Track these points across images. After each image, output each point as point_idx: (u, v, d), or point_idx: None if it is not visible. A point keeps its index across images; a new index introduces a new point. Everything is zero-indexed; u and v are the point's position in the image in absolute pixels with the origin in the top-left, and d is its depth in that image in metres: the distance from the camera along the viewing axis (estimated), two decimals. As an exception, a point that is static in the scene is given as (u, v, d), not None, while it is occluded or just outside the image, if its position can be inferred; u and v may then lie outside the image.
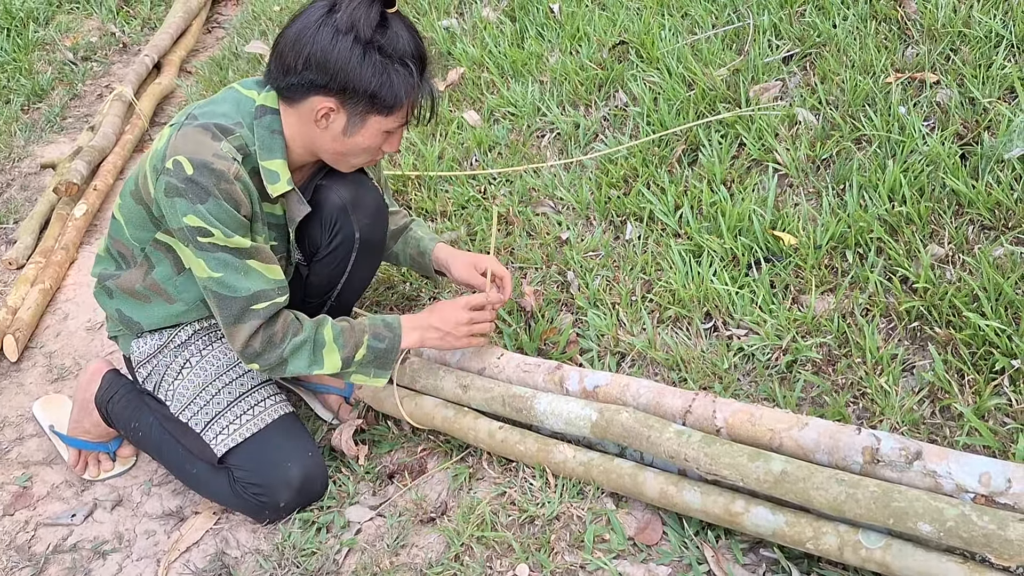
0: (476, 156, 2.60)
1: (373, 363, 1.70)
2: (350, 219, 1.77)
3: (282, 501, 1.73)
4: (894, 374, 1.58)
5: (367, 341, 1.67)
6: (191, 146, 1.51)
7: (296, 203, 1.67)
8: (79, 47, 4.36)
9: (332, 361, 1.65)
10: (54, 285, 2.72)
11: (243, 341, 1.60)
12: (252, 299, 1.58)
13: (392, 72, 1.49)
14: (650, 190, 2.19)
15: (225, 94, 1.63)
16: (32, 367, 2.44)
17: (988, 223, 1.75)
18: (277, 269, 1.63)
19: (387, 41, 1.48)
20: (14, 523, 1.95)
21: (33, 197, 3.28)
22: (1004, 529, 1.16)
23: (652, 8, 2.77)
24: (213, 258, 1.55)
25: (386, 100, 1.51)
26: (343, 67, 1.47)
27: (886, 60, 2.17)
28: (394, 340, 1.70)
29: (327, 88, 1.50)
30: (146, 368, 1.82)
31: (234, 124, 1.56)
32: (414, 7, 3.47)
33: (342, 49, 1.46)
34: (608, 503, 1.60)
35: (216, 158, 1.50)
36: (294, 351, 1.63)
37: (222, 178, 1.50)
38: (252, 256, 1.58)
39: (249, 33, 4.08)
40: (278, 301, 1.61)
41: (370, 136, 1.58)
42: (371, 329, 1.69)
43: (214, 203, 1.50)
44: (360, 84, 1.49)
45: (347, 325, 1.68)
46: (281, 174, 1.60)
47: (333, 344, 1.65)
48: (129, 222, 1.68)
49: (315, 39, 1.47)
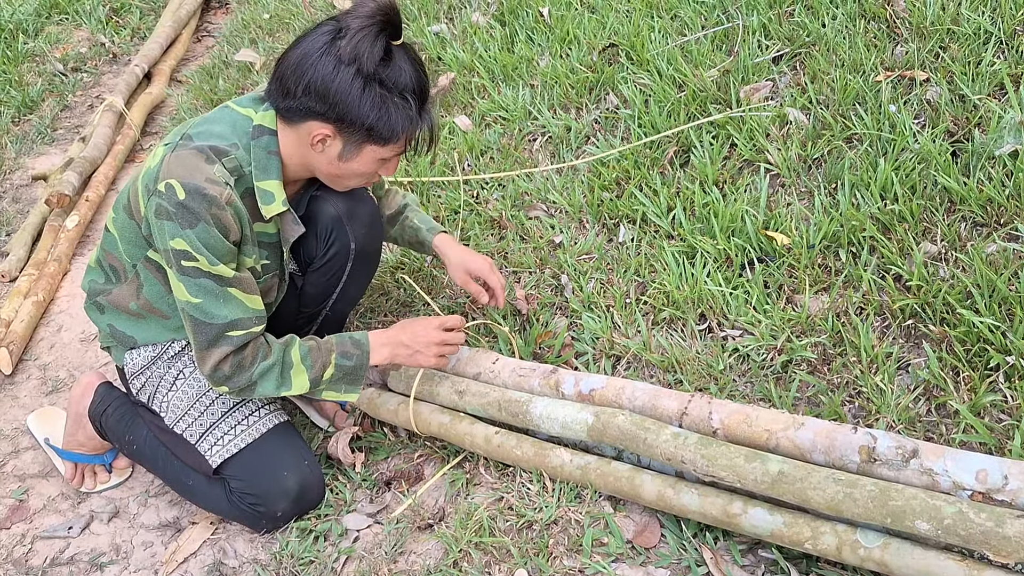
0: (468, 161, 2.60)
1: (342, 380, 1.69)
2: (345, 230, 1.77)
3: (279, 511, 1.72)
4: (889, 372, 1.58)
5: (335, 360, 1.67)
6: (185, 170, 1.50)
7: (291, 223, 1.67)
8: (69, 58, 4.36)
9: (300, 382, 1.65)
10: (47, 297, 2.71)
11: (213, 365, 1.59)
12: (228, 326, 1.57)
13: (391, 105, 1.49)
14: (642, 192, 2.19)
15: (220, 113, 1.62)
16: (26, 380, 2.43)
17: (980, 220, 1.75)
18: (258, 299, 1.62)
19: (389, 74, 1.48)
20: (11, 537, 1.94)
21: (25, 209, 3.27)
22: (1002, 526, 1.16)
23: (641, 10, 2.78)
24: (194, 283, 1.54)
25: (383, 133, 1.51)
26: (343, 98, 1.46)
27: (875, 59, 2.18)
28: (362, 357, 1.69)
29: (325, 116, 1.49)
30: (139, 380, 1.81)
31: (229, 145, 1.56)
32: (404, 13, 3.47)
33: (343, 80, 1.45)
34: (606, 506, 1.60)
35: (209, 183, 1.50)
36: (263, 374, 1.62)
37: (213, 204, 1.50)
38: (234, 285, 1.57)
39: (239, 41, 4.08)
40: (254, 331, 1.60)
41: (365, 163, 1.58)
42: (339, 347, 1.68)
43: (203, 229, 1.50)
44: (358, 116, 1.48)
45: (315, 344, 1.67)
46: (276, 195, 1.60)
47: (301, 365, 1.64)
48: (123, 237, 1.68)
49: (317, 67, 1.46)
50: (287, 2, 4.15)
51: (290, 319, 1.91)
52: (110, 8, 4.84)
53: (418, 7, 3.44)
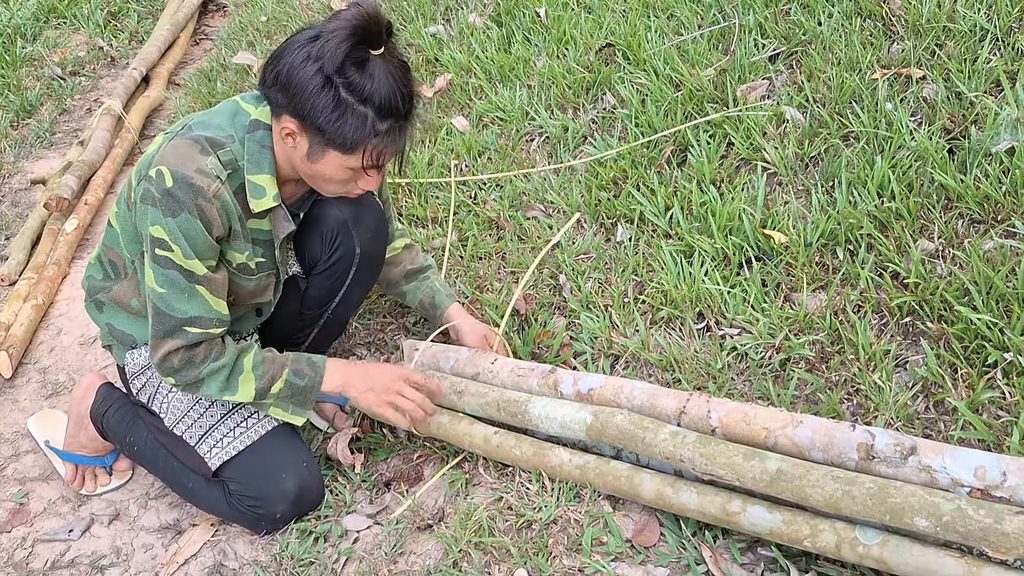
0: (466, 161, 2.60)
1: (291, 399, 1.68)
2: (351, 234, 1.77)
3: (278, 512, 1.72)
4: (887, 370, 1.58)
5: (286, 375, 1.66)
6: (177, 158, 1.50)
7: (282, 219, 1.65)
8: (67, 62, 4.36)
9: (246, 390, 1.64)
10: (47, 300, 2.71)
11: (163, 355, 1.59)
12: (187, 322, 1.57)
13: (349, 112, 1.43)
14: (640, 192, 2.19)
15: (224, 106, 1.62)
16: (26, 383, 2.44)
17: (977, 217, 1.76)
18: (223, 303, 1.61)
19: (356, 80, 1.42)
20: (11, 540, 1.94)
21: (24, 213, 3.28)
22: (1000, 523, 1.16)
23: (638, 10, 2.78)
24: (162, 273, 1.54)
25: (334, 138, 1.46)
26: (299, 92, 1.44)
27: (871, 56, 2.18)
28: (315, 379, 1.68)
29: (288, 109, 1.48)
30: (140, 380, 1.81)
31: (226, 137, 1.55)
32: (400, 14, 3.47)
33: (304, 75, 1.43)
34: (605, 506, 1.60)
35: (198, 174, 1.50)
36: (211, 374, 1.62)
37: (199, 195, 1.49)
38: (202, 283, 1.56)
39: (237, 44, 4.08)
40: (212, 332, 1.60)
41: (332, 168, 1.52)
42: (293, 364, 1.67)
43: (185, 219, 1.50)
44: (311, 114, 1.45)
45: (270, 356, 1.67)
46: (268, 189, 1.59)
47: (251, 373, 1.64)
48: (123, 231, 1.68)
49: (289, 59, 1.45)
50: (284, 4, 4.15)
51: (291, 321, 1.91)
52: (108, 12, 4.84)
53: (415, 8, 3.45)
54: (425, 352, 1.92)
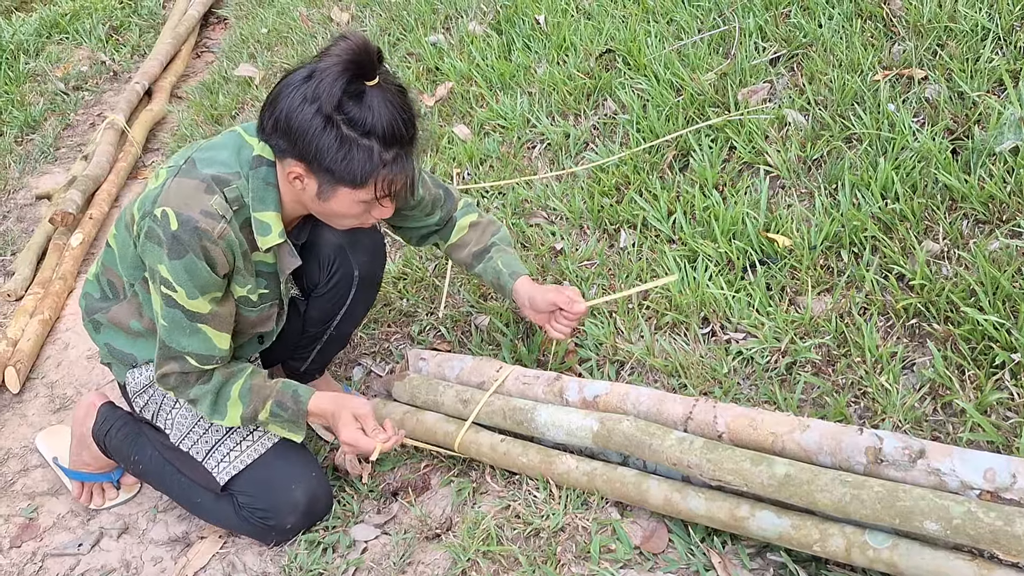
0: (468, 170, 2.60)
1: (279, 423, 1.70)
2: (348, 258, 1.77)
3: (288, 523, 1.73)
4: (894, 372, 1.58)
5: (269, 406, 1.67)
6: (182, 199, 1.50)
7: (287, 255, 1.66)
8: (70, 77, 4.38)
9: (234, 415, 1.67)
10: (53, 315, 2.72)
11: (162, 373, 1.64)
12: (188, 354, 1.60)
13: (354, 148, 1.42)
14: (642, 197, 2.19)
15: (228, 138, 1.60)
16: (34, 398, 2.44)
17: (982, 217, 1.75)
18: (226, 338, 1.63)
19: (355, 114, 1.41)
20: (21, 555, 1.94)
21: (29, 228, 3.29)
22: (1011, 525, 1.15)
23: (637, 16, 2.78)
24: (167, 310, 1.56)
25: (344, 175, 1.45)
26: (302, 136, 1.42)
27: (873, 58, 2.18)
28: (297, 413, 1.68)
29: (293, 154, 1.46)
30: (142, 397, 1.82)
31: (232, 174, 1.54)
32: (401, 24, 3.48)
33: (304, 118, 1.41)
34: (613, 513, 1.59)
35: (203, 216, 1.49)
36: (200, 396, 1.65)
37: (204, 237, 1.49)
38: (206, 321, 1.58)
39: (238, 56, 4.10)
40: (208, 367, 1.63)
41: (344, 205, 1.51)
42: (277, 396, 1.67)
43: (190, 260, 1.50)
44: (317, 156, 1.43)
45: (258, 384, 1.67)
46: (273, 226, 1.58)
47: (238, 399, 1.66)
48: (122, 255, 1.68)
49: (286, 104, 1.43)
50: (285, 16, 4.17)
51: (293, 338, 1.92)
52: (110, 26, 4.87)
53: (415, 18, 3.46)
54: (430, 361, 1.93)
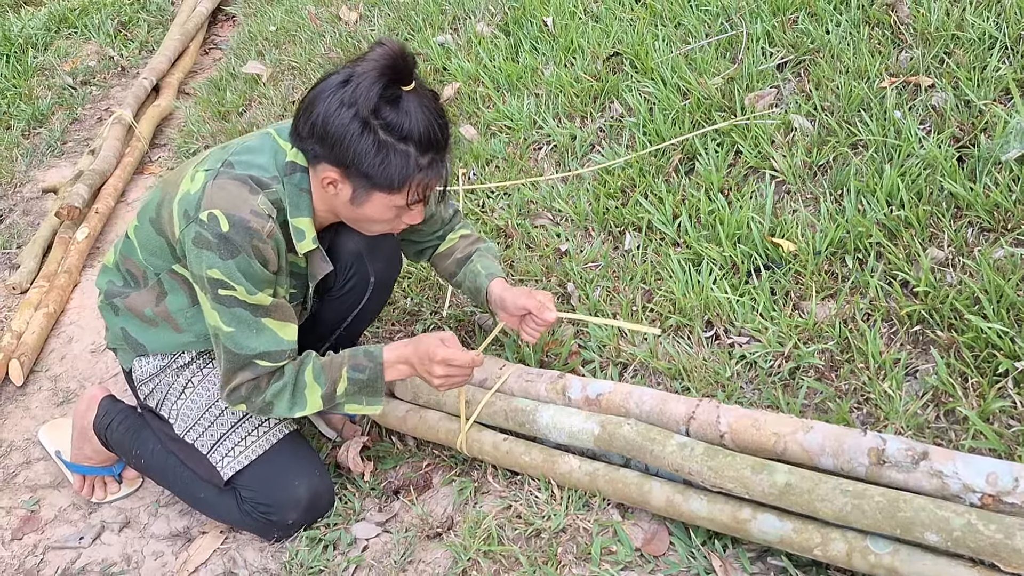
0: (474, 170, 2.61)
1: (360, 392, 1.66)
2: (366, 264, 1.78)
3: (291, 519, 1.74)
4: (897, 379, 1.58)
5: (346, 373, 1.64)
6: (229, 200, 1.50)
7: (319, 260, 1.66)
8: (78, 71, 4.39)
9: (314, 400, 1.63)
10: (58, 309, 2.73)
11: (233, 386, 1.60)
12: (259, 356, 1.58)
13: (392, 152, 1.44)
14: (648, 200, 2.20)
15: (263, 141, 1.60)
16: (38, 391, 2.45)
17: (987, 225, 1.75)
18: (292, 328, 1.62)
19: (393, 119, 1.43)
20: (22, 547, 1.95)
21: (35, 222, 3.30)
22: (1011, 538, 1.15)
23: (645, 19, 2.79)
24: (229, 312, 1.54)
25: (381, 180, 1.46)
26: (340, 141, 1.44)
27: (880, 65, 2.18)
28: (375, 369, 1.65)
29: (329, 159, 1.47)
30: (148, 387, 1.82)
31: (271, 178, 1.55)
32: (409, 24, 3.49)
33: (341, 123, 1.43)
34: (614, 514, 1.60)
35: (253, 216, 1.50)
36: (275, 394, 1.62)
37: (255, 236, 1.50)
38: (269, 314, 1.57)
39: (246, 54, 4.10)
40: (280, 364, 1.61)
41: (379, 210, 1.53)
42: (351, 360, 1.65)
43: (244, 260, 1.50)
44: (355, 161, 1.45)
45: (327, 361, 1.66)
46: (307, 232, 1.60)
47: (314, 383, 1.63)
48: (144, 247, 1.68)
49: (323, 108, 1.44)
50: (293, 14, 4.17)
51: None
52: (118, 22, 4.88)
53: (423, 18, 3.46)
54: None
